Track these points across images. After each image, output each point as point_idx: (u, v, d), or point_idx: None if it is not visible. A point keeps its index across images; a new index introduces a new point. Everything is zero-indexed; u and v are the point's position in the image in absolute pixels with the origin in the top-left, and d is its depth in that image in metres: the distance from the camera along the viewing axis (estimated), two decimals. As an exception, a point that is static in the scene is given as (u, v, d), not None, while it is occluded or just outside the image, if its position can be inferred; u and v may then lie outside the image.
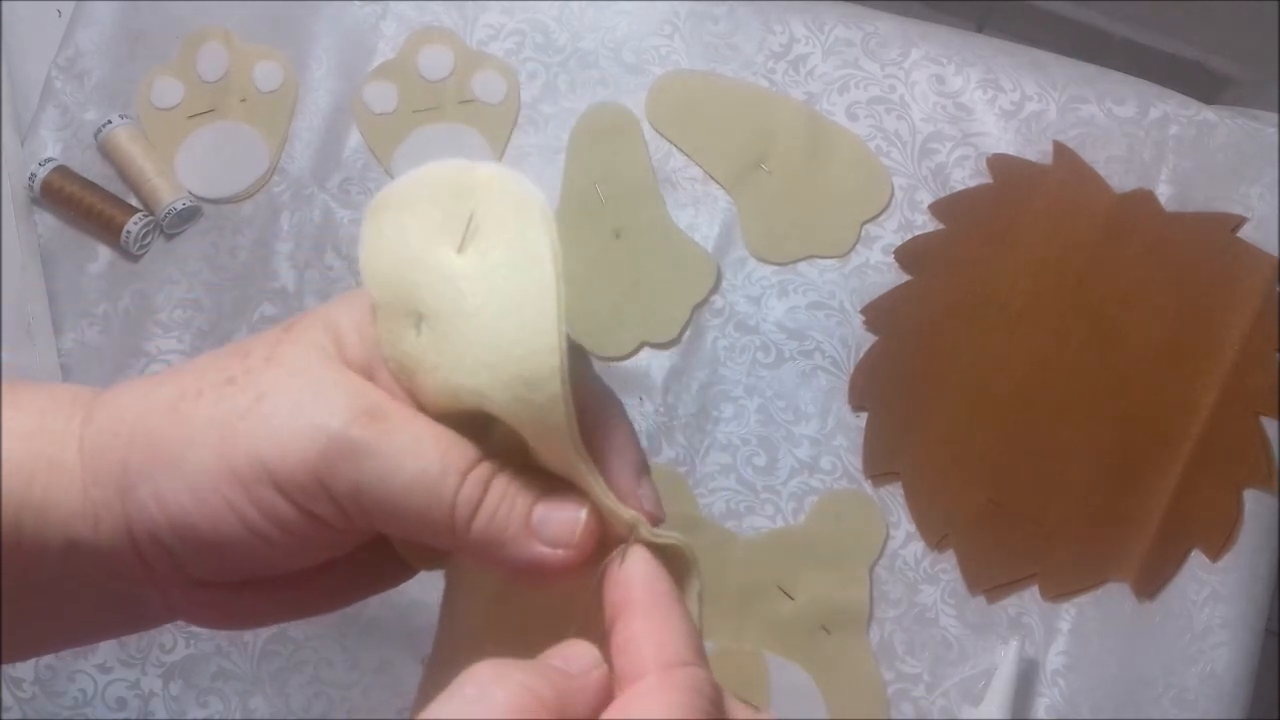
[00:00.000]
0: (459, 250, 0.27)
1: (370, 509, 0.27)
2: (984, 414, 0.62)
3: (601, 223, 0.64)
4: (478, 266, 0.27)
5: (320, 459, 0.26)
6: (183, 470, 0.27)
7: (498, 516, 0.27)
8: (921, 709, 0.60)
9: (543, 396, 0.26)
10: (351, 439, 0.26)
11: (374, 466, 0.26)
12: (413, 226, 0.28)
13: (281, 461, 0.26)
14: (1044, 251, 0.62)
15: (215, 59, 0.66)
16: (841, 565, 0.60)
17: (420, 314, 0.28)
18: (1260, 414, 0.61)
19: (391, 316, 0.29)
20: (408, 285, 0.28)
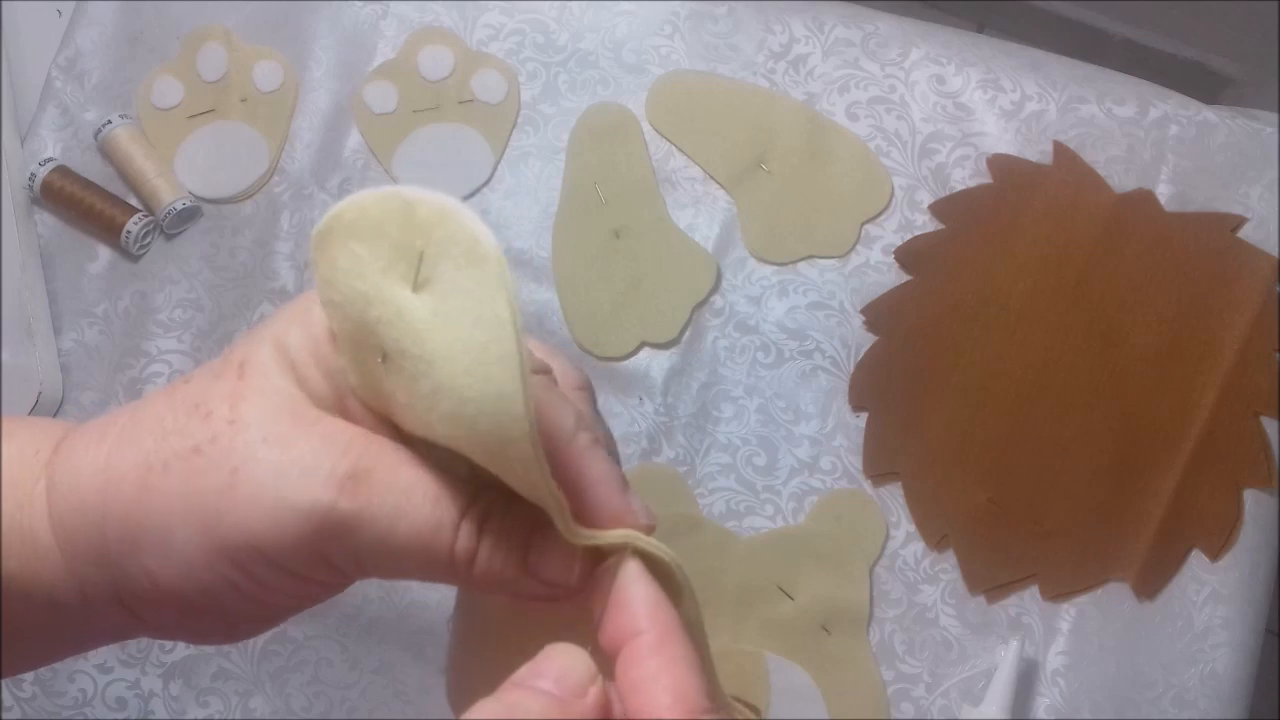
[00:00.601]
0: (414, 289, 0.26)
1: (370, 568, 0.27)
2: (984, 414, 0.62)
3: (601, 223, 0.64)
4: (436, 313, 0.26)
5: (314, 536, 0.26)
6: (170, 549, 0.26)
7: (495, 561, 0.27)
8: (921, 709, 0.60)
9: (514, 452, 0.25)
10: (342, 513, 0.26)
11: (368, 534, 0.26)
12: (366, 258, 0.27)
13: (274, 541, 0.26)
14: (1044, 251, 0.62)
15: (215, 59, 0.66)
16: (841, 565, 0.60)
17: (384, 351, 0.27)
18: (1260, 414, 0.61)
19: (355, 347, 0.28)
20: (369, 320, 0.27)
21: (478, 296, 0.25)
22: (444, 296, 0.25)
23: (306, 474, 0.26)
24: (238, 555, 0.26)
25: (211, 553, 0.26)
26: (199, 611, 0.27)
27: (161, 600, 0.27)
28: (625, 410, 0.63)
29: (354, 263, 0.27)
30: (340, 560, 0.27)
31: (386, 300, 0.26)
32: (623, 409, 0.63)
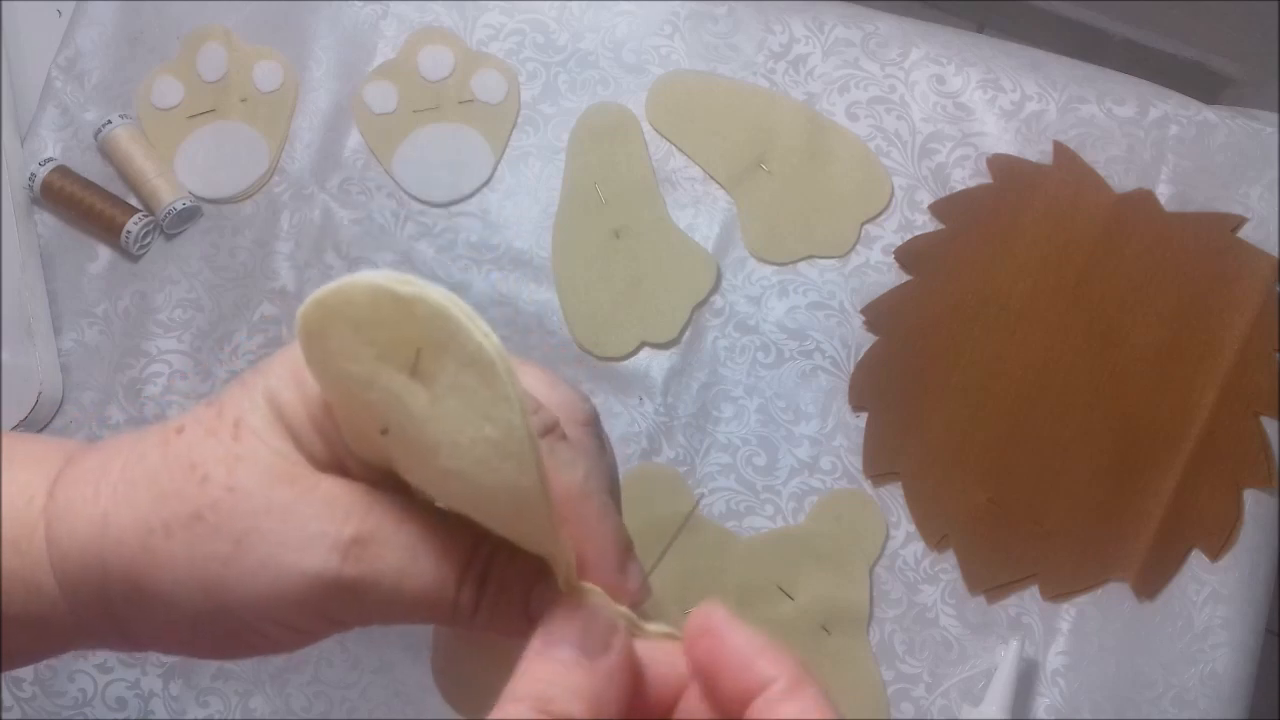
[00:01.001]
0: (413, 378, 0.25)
1: (375, 621, 0.28)
2: (984, 414, 0.62)
3: (601, 223, 0.64)
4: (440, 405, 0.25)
5: (319, 600, 0.26)
6: (176, 612, 0.27)
7: (497, 611, 0.28)
8: (921, 709, 0.60)
9: (526, 524, 0.26)
10: (347, 579, 0.26)
11: (373, 597, 0.27)
12: (363, 351, 0.26)
13: (280, 606, 0.26)
14: (1044, 251, 0.62)
15: (215, 59, 0.66)
16: (841, 565, 0.60)
17: (385, 425, 0.26)
18: (1260, 414, 0.61)
19: (353, 419, 0.28)
20: (367, 401, 0.26)
21: (484, 397, 0.24)
22: (447, 391, 0.25)
23: (310, 543, 0.26)
24: (244, 616, 0.27)
25: (217, 615, 0.27)
26: (203, 649, 0.28)
27: (167, 642, 0.28)
28: (625, 410, 0.63)
29: (346, 347, 0.26)
30: (345, 617, 0.27)
31: (384, 386, 0.26)
32: (623, 409, 0.63)
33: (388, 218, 0.65)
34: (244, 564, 0.26)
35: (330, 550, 0.26)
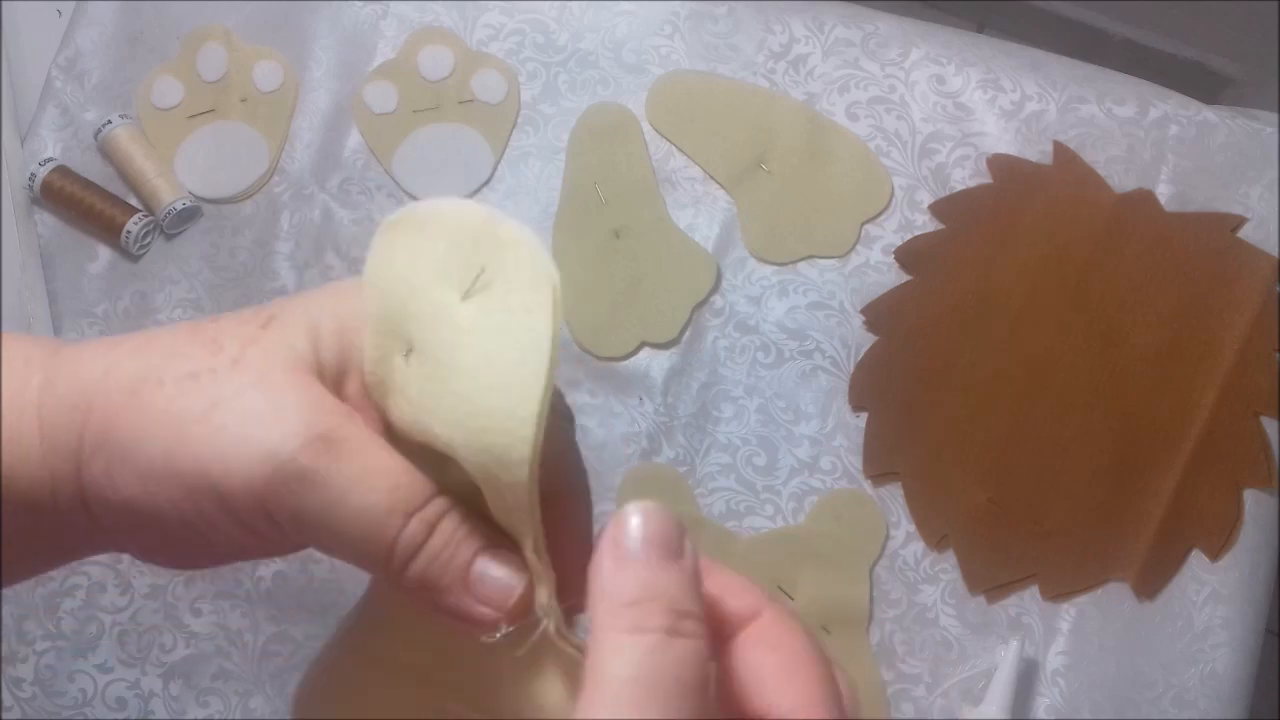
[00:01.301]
0: (463, 298, 0.27)
1: (309, 535, 0.27)
2: (984, 414, 0.62)
3: (601, 223, 0.64)
4: (477, 324, 0.26)
5: (264, 484, 0.26)
6: (134, 461, 0.27)
7: (436, 562, 0.27)
8: (921, 709, 0.60)
9: (509, 476, 0.26)
10: (299, 467, 0.26)
11: (318, 496, 0.26)
12: (426, 257, 0.28)
13: (224, 478, 0.26)
14: (1044, 251, 0.62)
15: (215, 59, 0.66)
16: (841, 565, 0.60)
17: (411, 345, 0.28)
18: (1260, 414, 0.61)
19: (384, 333, 0.28)
20: (407, 312, 0.28)
21: (525, 319, 0.25)
22: (490, 311, 0.26)
23: (280, 422, 0.26)
24: (191, 483, 0.26)
25: (167, 475, 0.26)
26: (147, 527, 0.27)
27: (118, 508, 0.27)
28: (625, 410, 0.63)
29: (412, 255, 0.28)
30: (284, 517, 0.26)
31: (431, 299, 0.27)
32: (623, 409, 0.63)
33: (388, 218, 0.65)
34: (211, 424, 0.26)
35: (295, 436, 0.26)
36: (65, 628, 0.61)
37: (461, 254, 0.27)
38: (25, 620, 0.61)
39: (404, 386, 0.28)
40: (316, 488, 0.26)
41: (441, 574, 0.27)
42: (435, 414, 0.27)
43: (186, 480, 0.26)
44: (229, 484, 0.26)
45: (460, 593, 0.27)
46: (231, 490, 0.26)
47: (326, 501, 0.26)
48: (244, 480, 0.26)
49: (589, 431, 0.62)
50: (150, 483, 0.26)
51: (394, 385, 0.28)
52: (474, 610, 0.27)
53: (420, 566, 0.26)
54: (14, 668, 0.61)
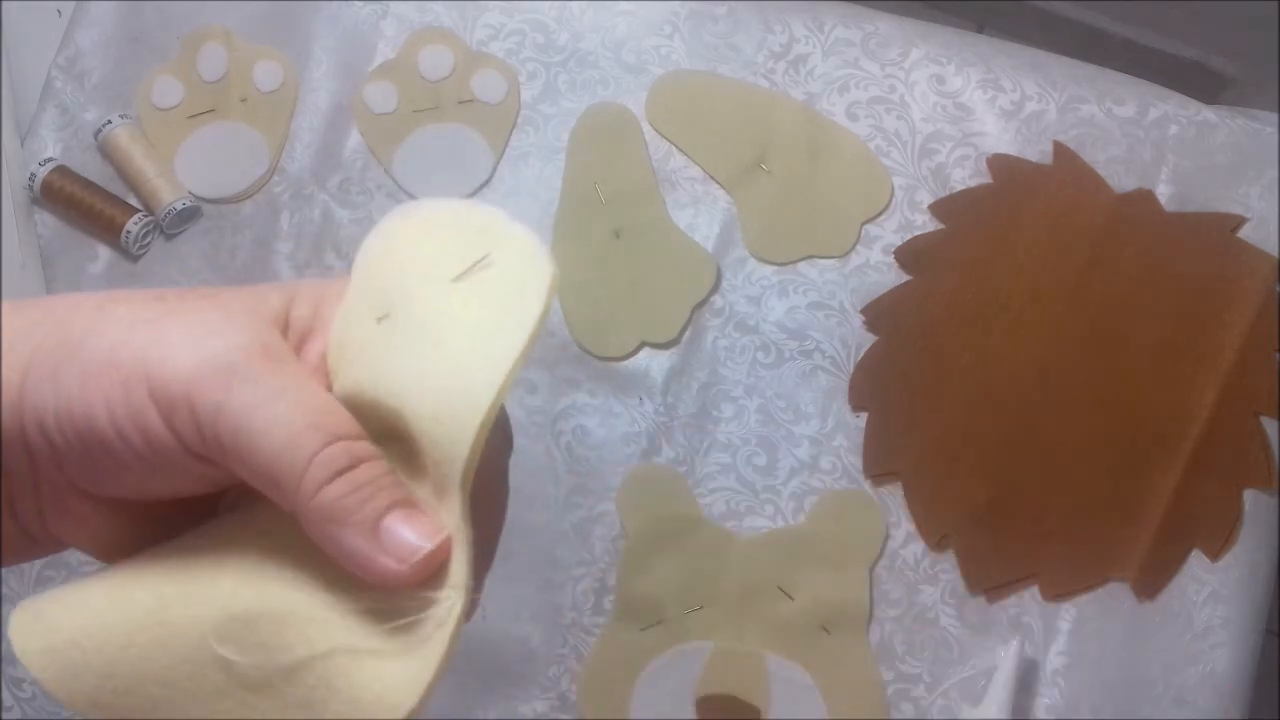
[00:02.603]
0: (456, 279, 0.27)
1: (225, 441, 0.25)
2: (984, 414, 0.62)
3: (601, 223, 0.64)
4: (466, 299, 0.27)
5: (193, 372, 0.25)
6: (79, 356, 0.26)
7: (354, 495, 0.26)
8: (921, 709, 0.60)
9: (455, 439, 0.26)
10: (231, 362, 0.26)
11: (242, 394, 0.25)
12: (425, 242, 0.29)
13: (159, 366, 0.26)
14: (1044, 251, 0.62)
15: (215, 59, 0.66)
16: (841, 565, 0.60)
17: (389, 312, 0.28)
18: (1260, 414, 0.61)
19: (361, 299, 0.29)
20: (393, 285, 0.28)
21: (518, 298, 0.26)
22: (482, 289, 0.27)
23: (225, 333, 0.26)
24: (126, 372, 0.26)
25: (107, 365, 0.26)
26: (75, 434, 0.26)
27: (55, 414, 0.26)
28: (625, 410, 0.63)
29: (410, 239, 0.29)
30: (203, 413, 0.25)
31: (422, 275, 0.28)
32: (623, 409, 0.63)
33: (388, 218, 0.65)
34: (160, 323, 0.26)
35: (238, 340, 0.26)
36: (65, 628, 0.61)
37: (463, 243, 0.28)
38: (25, 620, 0.61)
39: (368, 345, 0.28)
40: (243, 384, 0.25)
41: (355, 509, 0.26)
42: (396, 371, 0.27)
43: (122, 369, 0.26)
44: (161, 372, 0.25)
45: (368, 536, 0.26)
46: (162, 378, 0.25)
47: (249, 402, 0.25)
48: (175, 367, 0.25)
49: (589, 431, 0.62)
50: (88, 377, 0.26)
51: (356, 344, 0.28)
52: (376, 557, 0.26)
53: (336, 492, 0.26)
54: (14, 668, 0.61)
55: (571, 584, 0.61)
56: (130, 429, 0.26)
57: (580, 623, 0.61)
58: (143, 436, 0.26)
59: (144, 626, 0.26)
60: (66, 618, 0.27)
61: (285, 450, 0.25)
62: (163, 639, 0.26)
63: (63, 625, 0.26)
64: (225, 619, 0.26)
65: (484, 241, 0.27)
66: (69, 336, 0.27)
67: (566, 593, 0.61)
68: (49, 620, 0.27)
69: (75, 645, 0.26)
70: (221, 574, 0.27)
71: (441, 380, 0.26)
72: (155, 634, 0.26)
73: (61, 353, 0.26)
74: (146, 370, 0.26)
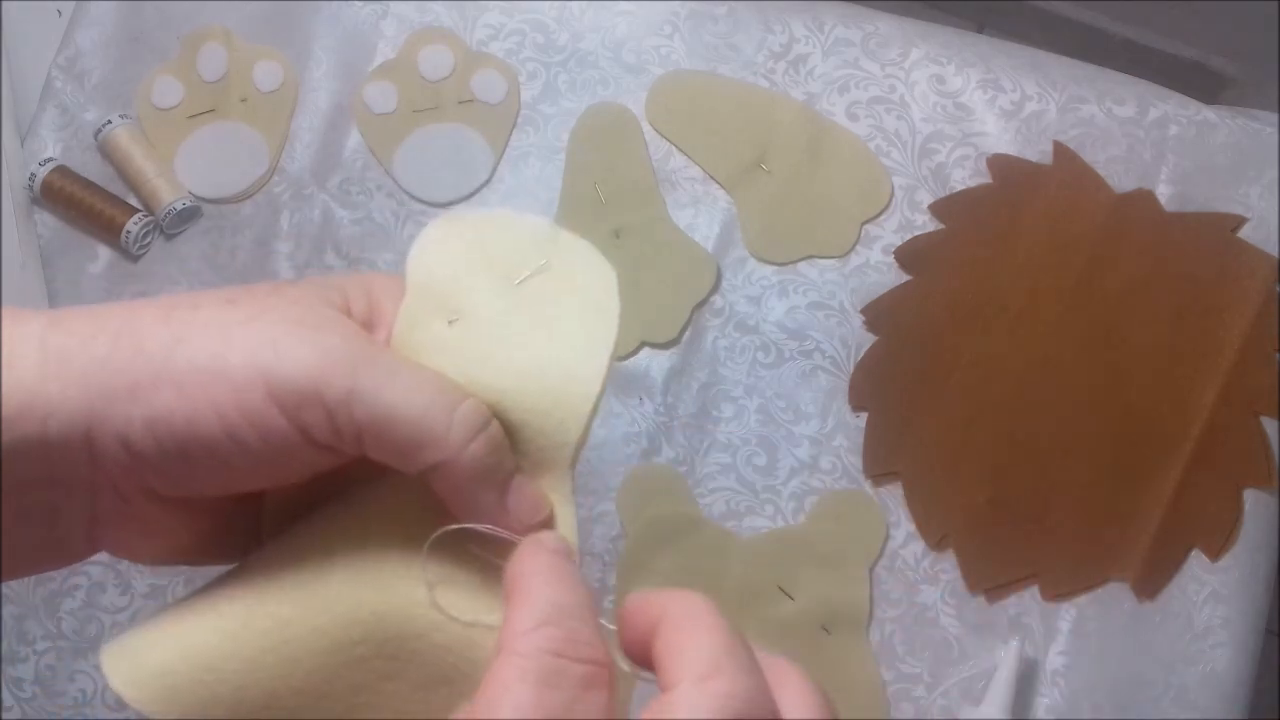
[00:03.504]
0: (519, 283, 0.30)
1: (363, 421, 0.26)
2: (984, 414, 0.62)
3: (601, 223, 0.64)
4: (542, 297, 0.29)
5: (316, 367, 0.26)
6: (170, 368, 0.26)
7: (492, 455, 0.27)
8: (921, 709, 0.60)
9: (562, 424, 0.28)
10: (348, 352, 0.26)
11: (368, 377, 0.26)
12: (480, 249, 0.30)
13: (278, 365, 0.26)
14: (1044, 251, 0.62)
15: (215, 59, 0.66)
16: (841, 565, 0.60)
17: (459, 312, 0.29)
18: (1260, 414, 0.61)
19: (421, 304, 0.30)
20: (455, 288, 0.30)
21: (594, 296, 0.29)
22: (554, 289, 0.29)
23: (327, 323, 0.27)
24: (239, 379, 0.26)
25: (212, 374, 0.26)
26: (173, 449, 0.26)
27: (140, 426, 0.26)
28: (625, 410, 0.63)
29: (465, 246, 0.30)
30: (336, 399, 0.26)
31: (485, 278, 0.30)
32: (623, 409, 0.63)
33: (388, 218, 0.65)
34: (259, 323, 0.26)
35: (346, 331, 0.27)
36: (65, 628, 0.61)
37: (518, 250, 0.30)
38: (25, 620, 0.61)
39: (445, 347, 0.29)
40: (368, 368, 0.26)
41: (495, 468, 0.27)
42: (487, 366, 0.28)
43: (233, 377, 0.26)
44: (282, 370, 0.26)
45: (500, 493, 0.27)
46: (285, 376, 0.26)
47: (380, 381, 0.26)
48: (298, 364, 0.26)
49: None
50: (189, 388, 0.26)
51: (428, 345, 0.29)
52: (505, 519, 0.27)
53: (480, 449, 0.27)
54: (14, 668, 0.61)
55: (571, 584, 0.61)
56: (246, 431, 0.26)
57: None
58: (260, 436, 0.26)
59: (267, 649, 0.27)
60: (177, 657, 0.27)
61: (426, 414, 0.26)
62: (292, 656, 0.27)
63: (176, 668, 0.27)
64: (349, 622, 0.27)
65: (539, 248, 0.30)
66: (146, 348, 0.26)
67: (566, 593, 0.61)
68: (155, 663, 0.27)
69: (199, 683, 0.26)
70: (324, 580, 0.27)
71: (545, 373, 0.28)
72: (283, 653, 0.27)
73: (140, 365, 0.26)
74: (263, 373, 0.26)
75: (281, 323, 0.27)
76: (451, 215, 0.31)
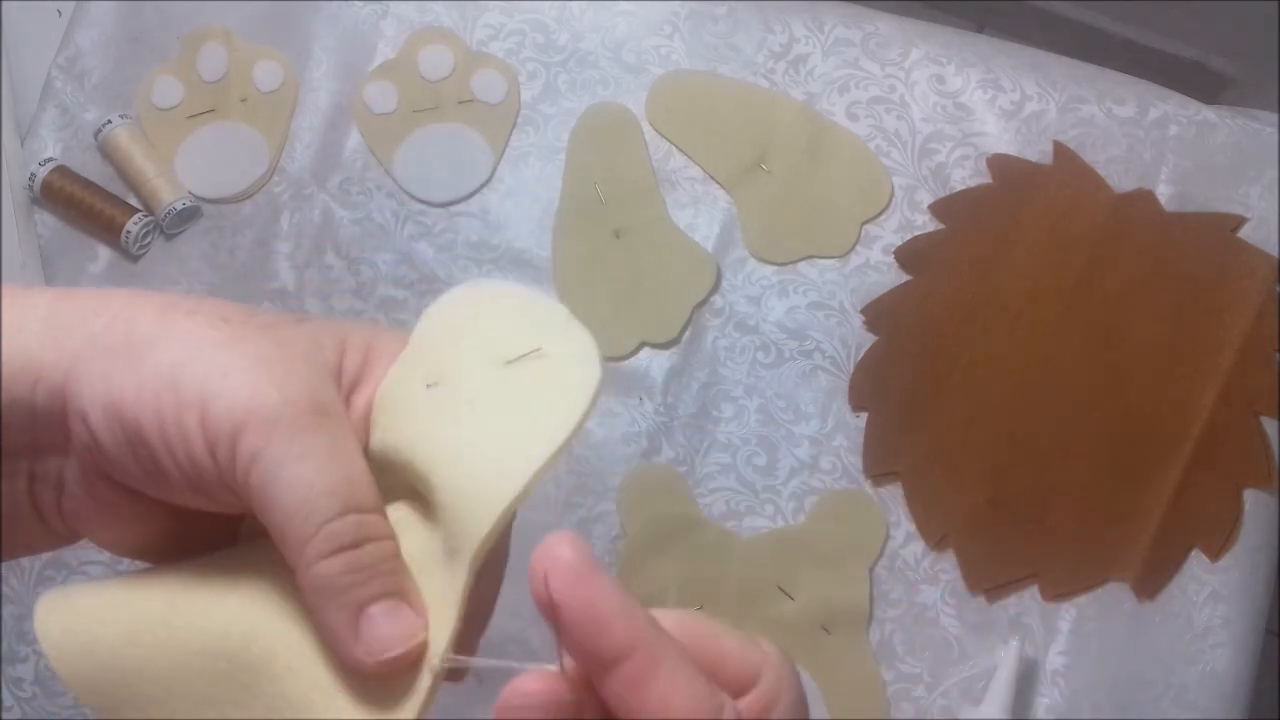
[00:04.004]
0: (508, 364, 0.28)
1: (254, 488, 0.26)
2: (984, 414, 0.62)
3: (601, 223, 0.64)
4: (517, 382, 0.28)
5: (244, 416, 0.26)
6: (139, 365, 0.27)
7: (346, 576, 0.26)
8: (921, 709, 0.60)
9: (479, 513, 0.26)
10: (279, 416, 0.26)
11: (278, 448, 0.26)
12: (488, 323, 0.30)
13: (215, 400, 0.26)
14: (1044, 251, 0.62)
15: (215, 59, 0.66)
16: (841, 565, 0.60)
17: (440, 379, 0.29)
18: (1260, 414, 0.61)
19: (414, 363, 0.30)
20: (447, 355, 0.29)
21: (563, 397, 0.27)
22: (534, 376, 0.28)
23: (287, 381, 0.27)
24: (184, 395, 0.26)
25: (165, 382, 0.27)
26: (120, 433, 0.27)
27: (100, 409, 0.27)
28: (625, 410, 0.63)
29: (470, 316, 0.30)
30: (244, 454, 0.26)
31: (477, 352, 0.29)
32: (623, 409, 0.63)
33: (388, 218, 0.65)
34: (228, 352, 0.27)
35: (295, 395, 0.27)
36: (65, 628, 0.61)
37: (521, 330, 0.29)
38: (25, 620, 0.61)
39: (414, 408, 0.29)
40: (284, 438, 0.26)
41: (345, 590, 0.26)
42: (435, 438, 0.28)
43: (182, 393, 0.26)
44: (217, 404, 0.26)
45: (349, 619, 0.26)
46: (217, 411, 0.26)
47: (284, 457, 0.26)
48: (228, 407, 0.26)
49: (589, 431, 0.62)
50: (146, 388, 0.27)
51: (402, 404, 0.29)
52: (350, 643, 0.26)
53: (332, 569, 0.26)
54: (14, 668, 0.61)
55: (571, 584, 0.61)
56: (177, 446, 0.27)
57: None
58: (187, 457, 0.27)
59: (150, 627, 0.27)
60: (86, 604, 0.28)
61: (298, 512, 0.26)
62: (164, 641, 0.27)
63: (81, 611, 0.27)
64: (223, 635, 0.27)
65: (541, 333, 0.29)
66: (131, 340, 0.27)
67: (566, 593, 0.61)
68: (73, 603, 0.28)
69: (88, 632, 0.27)
70: (231, 593, 0.27)
71: (477, 459, 0.27)
72: (159, 636, 0.27)
73: (120, 354, 0.27)
74: (203, 399, 0.26)
75: (247, 358, 0.27)
76: (476, 283, 0.31)
